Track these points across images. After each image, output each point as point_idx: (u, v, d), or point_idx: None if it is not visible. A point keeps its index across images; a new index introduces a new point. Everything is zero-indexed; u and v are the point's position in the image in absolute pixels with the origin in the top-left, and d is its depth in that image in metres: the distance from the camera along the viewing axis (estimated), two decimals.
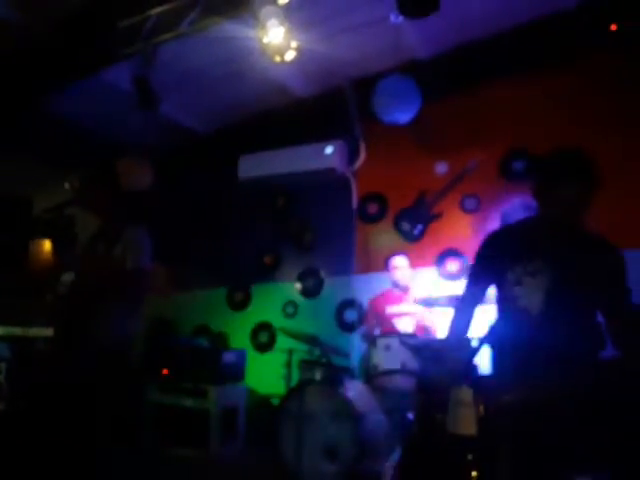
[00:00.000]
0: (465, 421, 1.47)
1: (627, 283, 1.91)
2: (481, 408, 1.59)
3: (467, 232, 4.53)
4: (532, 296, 1.89)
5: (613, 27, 3.58)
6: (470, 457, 1.45)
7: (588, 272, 1.88)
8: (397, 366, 3.44)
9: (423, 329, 4.23)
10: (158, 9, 4.10)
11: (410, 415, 2.27)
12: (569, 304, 1.86)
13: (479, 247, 2.13)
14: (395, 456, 2.25)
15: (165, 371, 4.67)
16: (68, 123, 5.21)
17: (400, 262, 4.41)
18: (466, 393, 1.49)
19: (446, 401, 1.66)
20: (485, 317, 2.24)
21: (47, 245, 5.14)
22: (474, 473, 1.40)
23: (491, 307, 2.18)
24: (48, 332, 3.61)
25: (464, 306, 2.13)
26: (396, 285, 4.41)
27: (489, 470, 1.45)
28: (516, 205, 4.38)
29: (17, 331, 4.28)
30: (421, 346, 3.14)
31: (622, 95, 4.05)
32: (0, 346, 4.14)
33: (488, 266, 2.06)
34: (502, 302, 2.02)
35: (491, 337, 2.01)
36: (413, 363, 3.36)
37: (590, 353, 1.86)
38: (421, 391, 2.15)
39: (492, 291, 2.12)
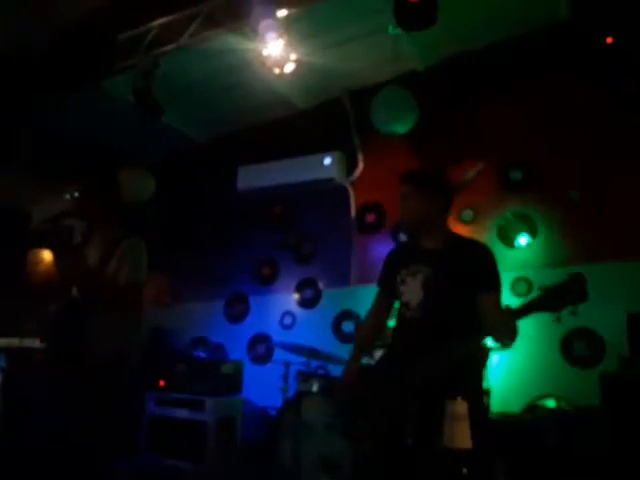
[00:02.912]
0: (460, 435, 1.47)
1: (497, 278, 2.21)
2: None
3: None
4: (412, 292, 2.26)
5: (609, 40, 3.60)
6: (465, 471, 1.45)
7: (459, 268, 2.20)
8: None
9: None
10: (159, 21, 4.15)
11: None
12: (442, 296, 2.18)
13: (383, 261, 2.57)
14: None
15: (162, 383, 4.65)
16: (69, 134, 5.23)
17: None
18: (460, 406, 1.49)
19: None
20: None
21: (46, 256, 5.14)
22: None
23: None
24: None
25: (370, 315, 2.57)
26: None
27: None
28: (514, 217, 4.39)
29: (15, 342, 4.27)
30: None
31: (619, 111, 4.08)
32: None
33: (386, 276, 2.49)
34: (398, 303, 2.41)
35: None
36: None
37: (460, 334, 2.11)
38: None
39: None
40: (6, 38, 4.07)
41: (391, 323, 2.56)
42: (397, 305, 2.44)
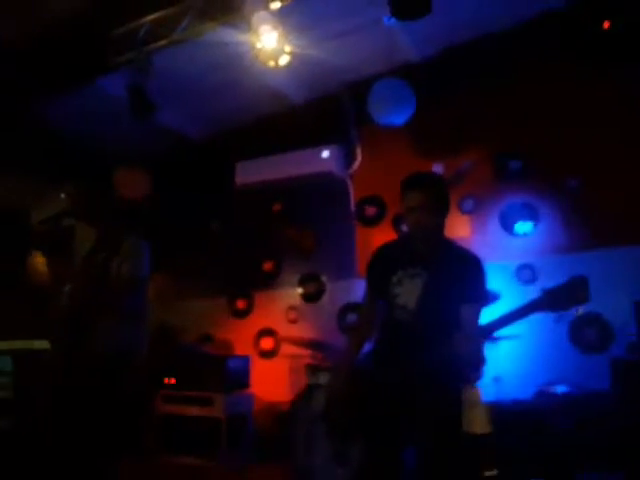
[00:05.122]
0: (479, 420, 1.46)
1: (482, 292, 2.21)
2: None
3: (465, 233, 4.51)
4: (410, 294, 2.20)
5: (606, 25, 3.57)
6: (484, 454, 1.44)
7: (453, 278, 2.17)
8: None
9: None
10: (151, 16, 4.11)
11: None
12: (438, 303, 2.16)
13: (370, 259, 2.44)
14: None
15: (169, 380, 4.63)
16: (64, 133, 5.19)
17: None
18: (476, 394, 1.48)
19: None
20: None
21: (45, 257, 5.11)
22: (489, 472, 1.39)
23: None
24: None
25: (362, 318, 2.50)
26: None
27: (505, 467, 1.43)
28: (515, 205, 4.38)
29: (18, 344, 4.25)
30: None
31: (616, 97, 4.05)
32: (2, 360, 4.10)
33: (379, 276, 2.36)
34: (386, 303, 2.31)
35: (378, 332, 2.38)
36: None
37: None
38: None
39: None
40: None
41: None
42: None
